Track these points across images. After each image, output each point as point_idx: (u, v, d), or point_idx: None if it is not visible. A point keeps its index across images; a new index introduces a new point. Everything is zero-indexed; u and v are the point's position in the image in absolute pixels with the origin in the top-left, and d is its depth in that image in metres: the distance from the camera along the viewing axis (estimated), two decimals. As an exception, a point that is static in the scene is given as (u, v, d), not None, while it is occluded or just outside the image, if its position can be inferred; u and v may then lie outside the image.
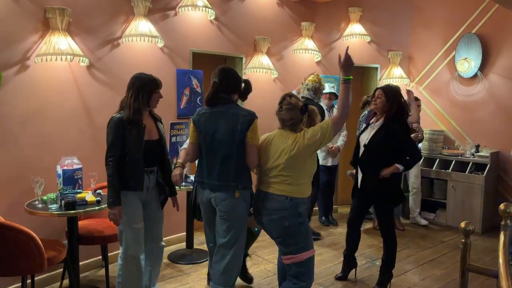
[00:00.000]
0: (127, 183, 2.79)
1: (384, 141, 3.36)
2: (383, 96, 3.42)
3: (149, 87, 2.84)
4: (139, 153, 2.78)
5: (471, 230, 2.07)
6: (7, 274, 2.91)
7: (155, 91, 2.87)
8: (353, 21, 5.88)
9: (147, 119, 2.90)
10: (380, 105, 3.43)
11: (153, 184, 2.95)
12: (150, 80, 2.87)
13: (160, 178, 2.99)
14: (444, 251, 4.59)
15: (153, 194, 2.97)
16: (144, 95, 2.81)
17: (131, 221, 2.83)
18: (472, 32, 5.65)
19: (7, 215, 3.04)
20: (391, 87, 3.50)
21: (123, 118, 2.76)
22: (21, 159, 3.37)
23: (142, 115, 2.83)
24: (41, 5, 3.42)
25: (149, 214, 2.99)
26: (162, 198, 3.03)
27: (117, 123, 2.75)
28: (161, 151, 2.98)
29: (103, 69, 3.85)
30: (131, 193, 2.82)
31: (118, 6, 3.94)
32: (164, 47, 4.28)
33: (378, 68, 6.17)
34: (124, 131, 2.75)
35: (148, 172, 2.90)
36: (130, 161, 2.77)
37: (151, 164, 2.90)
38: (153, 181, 2.95)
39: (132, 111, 2.77)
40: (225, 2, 4.82)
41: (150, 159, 2.88)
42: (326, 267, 4.10)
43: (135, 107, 2.78)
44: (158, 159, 2.97)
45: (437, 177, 5.59)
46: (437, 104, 6.10)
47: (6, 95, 3.24)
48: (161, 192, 3.01)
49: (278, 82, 5.36)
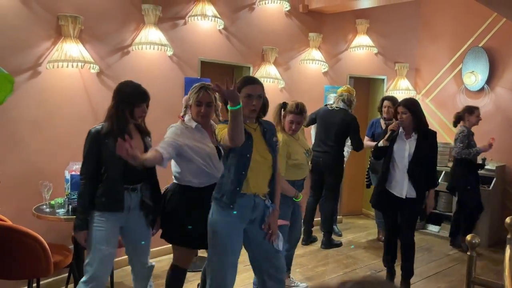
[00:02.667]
0: (104, 203, 2.52)
1: (432, 153, 3.56)
2: (408, 111, 3.48)
3: (132, 100, 2.55)
4: (116, 169, 2.51)
5: (476, 243, 2.07)
6: (13, 277, 2.94)
7: (137, 105, 2.56)
8: (361, 32, 5.92)
9: (132, 132, 2.61)
10: (407, 121, 3.50)
11: (135, 204, 2.62)
12: (134, 93, 2.57)
13: (146, 198, 2.66)
14: (450, 264, 4.57)
15: (135, 215, 2.64)
16: (126, 109, 2.54)
17: (100, 242, 2.52)
18: (479, 45, 5.67)
19: (15, 219, 3.07)
20: (411, 100, 3.63)
21: (100, 131, 2.53)
22: (30, 164, 3.41)
23: (124, 128, 2.54)
24: (54, 12, 3.49)
25: (132, 238, 2.70)
26: (150, 219, 2.71)
27: (93, 137, 2.54)
28: (147, 167, 2.58)
29: (112, 76, 3.90)
30: (108, 214, 2.54)
31: (128, 15, 4.01)
32: (173, 55, 4.33)
33: (384, 80, 6.18)
34: (100, 145, 2.51)
35: (130, 190, 2.59)
36: (107, 178, 2.52)
37: (133, 182, 2.60)
38: (135, 200, 2.62)
39: (111, 124, 2.53)
40: (234, 12, 4.88)
41: (133, 175, 2.56)
42: (330, 278, 4.08)
43: (115, 121, 2.53)
44: (143, 175, 2.64)
45: (442, 190, 5.57)
46: (444, 117, 6.10)
47: (17, 100, 3.29)
48: (147, 212, 2.67)
49: (285, 92, 5.39)
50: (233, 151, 2.39)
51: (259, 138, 2.48)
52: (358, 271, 4.21)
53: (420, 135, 3.52)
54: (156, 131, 3.85)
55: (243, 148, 2.36)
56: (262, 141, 2.48)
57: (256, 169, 2.41)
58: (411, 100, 3.64)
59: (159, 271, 3.84)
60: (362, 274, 3.88)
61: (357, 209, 6.30)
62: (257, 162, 2.42)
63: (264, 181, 2.50)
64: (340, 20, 5.82)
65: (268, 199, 2.52)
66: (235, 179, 2.38)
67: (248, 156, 2.40)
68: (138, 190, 2.63)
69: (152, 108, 4.15)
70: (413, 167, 3.49)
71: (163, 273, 3.77)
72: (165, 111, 4.02)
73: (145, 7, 4.03)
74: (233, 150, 2.38)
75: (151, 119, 4.10)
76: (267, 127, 2.55)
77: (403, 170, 3.51)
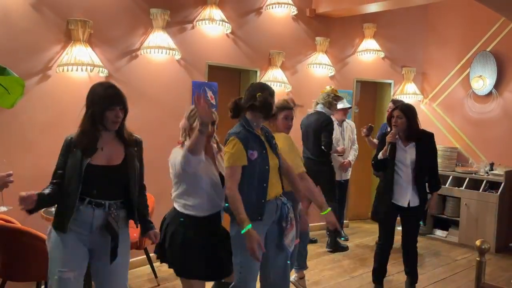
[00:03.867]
0: (57, 221, 2.20)
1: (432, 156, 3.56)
2: (404, 117, 3.44)
3: (102, 103, 2.15)
4: (72, 179, 2.14)
5: (486, 249, 2.06)
6: (22, 279, 2.97)
7: (109, 109, 2.15)
8: (368, 36, 5.92)
9: (110, 142, 2.24)
10: (401, 127, 3.45)
11: (98, 223, 2.19)
12: (105, 95, 2.17)
13: (111, 218, 2.19)
14: (457, 269, 4.53)
15: (98, 237, 2.21)
16: (96, 112, 2.16)
17: (59, 265, 2.15)
18: (487, 50, 5.65)
19: (24, 221, 3.09)
20: (409, 106, 3.58)
21: (73, 137, 2.21)
22: (40, 166, 3.43)
23: (94, 136, 2.18)
24: (64, 17, 3.53)
25: (97, 267, 2.27)
26: (112, 246, 2.19)
27: (65, 145, 2.22)
28: (124, 180, 2.22)
29: (121, 79, 3.93)
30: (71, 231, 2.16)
31: (137, 19, 4.04)
32: (180, 59, 4.36)
33: (391, 84, 6.18)
34: (69, 153, 2.19)
35: (94, 205, 2.18)
36: (63, 190, 2.17)
37: (101, 196, 2.19)
38: (99, 218, 2.18)
39: (80, 131, 2.20)
40: (241, 17, 4.91)
41: (102, 189, 2.18)
42: (336, 282, 4.07)
43: (83, 127, 2.19)
44: (117, 190, 2.23)
45: (449, 194, 5.55)
46: (451, 121, 6.07)
47: (28, 104, 3.32)
48: (111, 236, 2.18)
49: (292, 96, 5.40)
50: (251, 165, 2.43)
51: (267, 144, 2.55)
52: (364, 276, 4.19)
53: (415, 140, 3.48)
54: (163, 134, 3.88)
55: (262, 161, 2.44)
56: (268, 147, 2.56)
57: (271, 174, 2.50)
58: (409, 106, 3.58)
59: (165, 274, 3.86)
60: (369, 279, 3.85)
61: (363, 214, 6.27)
62: (271, 168, 2.51)
63: (278, 183, 2.58)
64: (347, 24, 5.82)
65: (283, 197, 2.62)
66: (259, 192, 2.45)
67: (267, 168, 2.47)
68: (106, 206, 2.19)
69: (159, 111, 4.23)
70: (418, 174, 3.47)
71: (170, 276, 3.79)
72: (172, 114, 4.04)
73: (154, 12, 4.06)
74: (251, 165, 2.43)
75: (158, 122, 4.16)
76: (267, 131, 2.65)
77: (407, 179, 3.48)
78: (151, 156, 2.64)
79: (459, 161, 5.86)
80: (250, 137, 2.47)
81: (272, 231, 2.57)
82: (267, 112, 2.51)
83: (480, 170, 5.52)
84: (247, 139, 2.44)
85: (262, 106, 2.46)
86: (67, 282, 2.14)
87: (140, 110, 4.08)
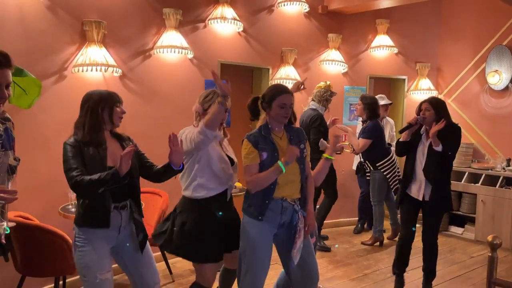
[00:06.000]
0: (90, 219, 2.23)
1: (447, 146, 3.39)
2: (432, 108, 3.44)
3: (110, 100, 2.30)
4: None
5: (498, 244, 2.05)
6: (40, 274, 3.05)
7: (116, 105, 2.31)
8: (381, 32, 5.88)
9: (109, 140, 2.32)
10: (429, 119, 3.44)
11: (126, 223, 2.32)
12: (109, 93, 2.34)
13: (135, 214, 2.35)
14: (473, 266, 4.48)
15: (127, 235, 2.34)
16: (105, 109, 2.27)
17: (97, 270, 2.21)
18: (503, 44, 5.55)
19: (42, 218, 3.18)
20: (437, 99, 3.60)
21: (78, 139, 2.23)
22: (57, 165, 3.47)
23: (102, 133, 2.28)
24: (79, 18, 3.60)
25: (126, 262, 2.39)
26: (141, 238, 2.36)
27: (72, 146, 2.20)
28: (132, 179, 2.25)
29: (134, 79, 3.99)
30: (100, 231, 2.23)
31: (150, 19, 4.10)
32: (193, 58, 4.40)
33: (405, 80, 6.12)
34: (82, 153, 2.19)
35: (120, 208, 2.28)
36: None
37: (121, 198, 2.28)
38: (126, 218, 2.32)
39: (87, 129, 2.23)
40: (253, 15, 4.92)
41: (120, 191, 2.22)
42: (342, 281, 4.07)
43: (91, 124, 2.24)
44: (130, 190, 2.32)
45: (465, 191, 5.48)
46: (467, 117, 5.99)
47: (44, 104, 3.40)
48: (138, 231, 2.35)
49: (304, 93, 5.38)
50: (261, 165, 2.44)
51: (285, 146, 2.49)
52: (378, 272, 4.18)
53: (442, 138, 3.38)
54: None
55: (271, 161, 2.42)
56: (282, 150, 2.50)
57: (282, 176, 2.42)
58: (437, 99, 3.60)
59: (180, 271, 3.91)
60: (382, 277, 3.84)
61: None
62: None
63: (292, 187, 2.51)
64: (360, 20, 5.79)
65: (297, 204, 2.53)
66: (266, 192, 2.43)
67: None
68: (128, 207, 2.33)
69: (172, 110, 4.27)
70: (427, 167, 3.42)
71: (184, 272, 3.85)
72: (185, 113, 4.07)
73: (166, 11, 4.11)
74: (260, 164, 2.44)
75: (171, 121, 4.20)
76: (293, 134, 2.56)
77: (421, 172, 3.46)
78: (164, 154, 2.67)
79: (475, 157, 5.78)
80: (261, 138, 2.48)
81: (281, 236, 2.53)
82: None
83: (496, 166, 5.44)
84: (257, 140, 2.47)
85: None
86: (107, 282, 2.24)
87: (153, 109, 4.14)
